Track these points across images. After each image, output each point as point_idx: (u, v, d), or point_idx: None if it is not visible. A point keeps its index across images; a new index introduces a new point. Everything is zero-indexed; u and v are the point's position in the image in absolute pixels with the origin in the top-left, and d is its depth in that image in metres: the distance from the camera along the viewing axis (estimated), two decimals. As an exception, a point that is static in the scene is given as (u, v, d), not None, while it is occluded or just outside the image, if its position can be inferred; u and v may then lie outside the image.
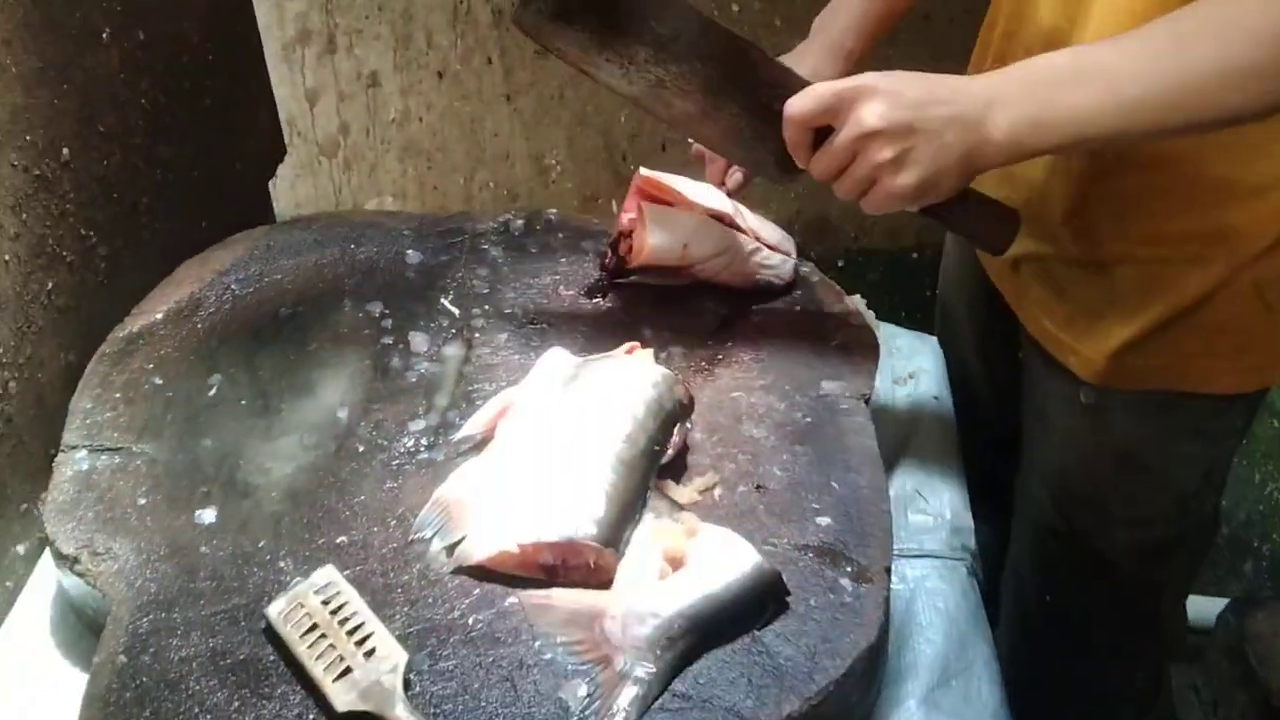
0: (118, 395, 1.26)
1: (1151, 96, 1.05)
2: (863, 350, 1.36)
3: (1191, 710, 1.85)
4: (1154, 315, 1.26)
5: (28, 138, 1.31)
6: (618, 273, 1.44)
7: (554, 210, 1.60)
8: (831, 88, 1.12)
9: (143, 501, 1.14)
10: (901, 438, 1.40)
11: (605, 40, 1.22)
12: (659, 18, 1.22)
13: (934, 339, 1.60)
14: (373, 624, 0.99)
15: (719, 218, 1.40)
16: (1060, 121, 1.07)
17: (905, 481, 1.34)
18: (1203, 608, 1.66)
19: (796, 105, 1.14)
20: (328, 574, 1.03)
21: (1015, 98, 1.08)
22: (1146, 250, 1.26)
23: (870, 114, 1.08)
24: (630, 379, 1.19)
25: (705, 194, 1.42)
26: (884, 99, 1.08)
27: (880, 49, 2.42)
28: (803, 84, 1.17)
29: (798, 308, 1.44)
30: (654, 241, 1.38)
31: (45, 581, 1.22)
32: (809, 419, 1.25)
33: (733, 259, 1.39)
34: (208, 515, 1.12)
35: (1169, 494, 1.38)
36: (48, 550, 1.22)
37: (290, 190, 2.50)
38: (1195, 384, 1.30)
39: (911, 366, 1.52)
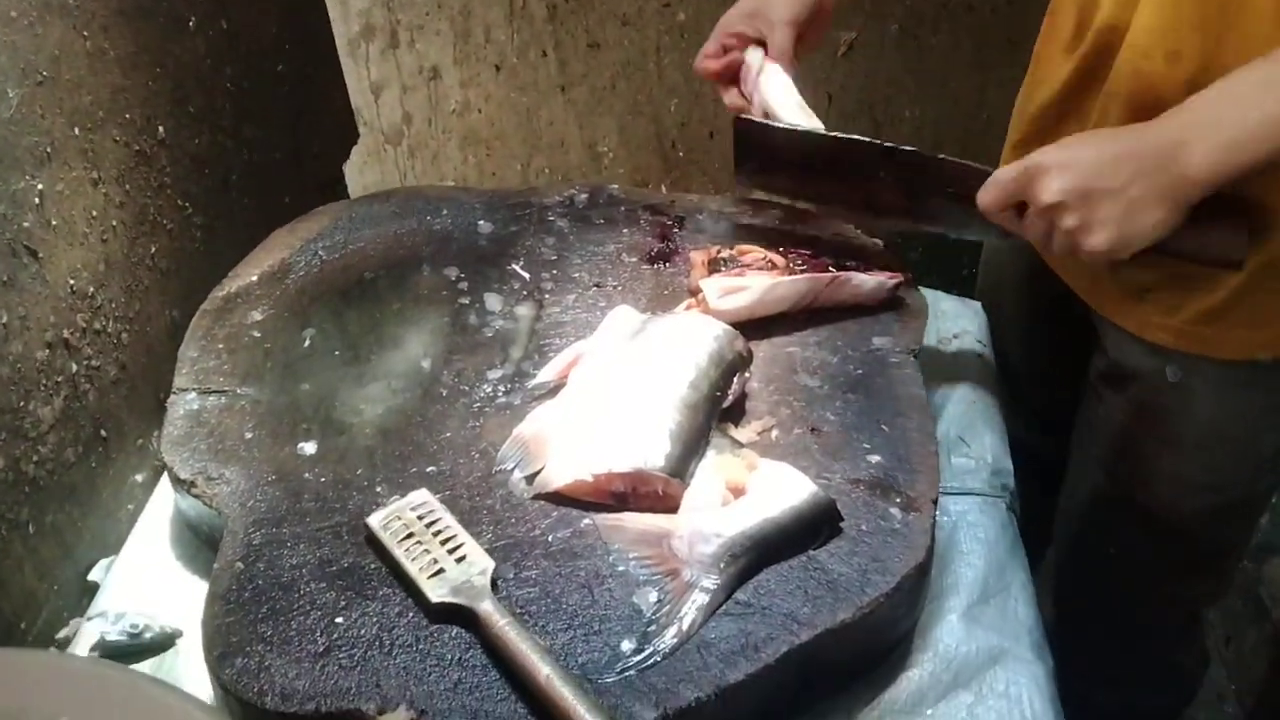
0: (221, 346, 1.36)
1: None
2: (910, 309, 1.43)
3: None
4: (1229, 286, 1.28)
5: (127, 115, 1.41)
6: None
7: (615, 185, 1.67)
8: (1008, 175, 1.20)
9: (249, 435, 1.24)
10: (946, 390, 1.46)
11: (806, 180, 1.45)
12: (845, 156, 1.39)
13: (977, 304, 1.65)
14: (463, 537, 1.08)
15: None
16: (1257, 135, 1.08)
17: (950, 428, 1.40)
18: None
19: (986, 199, 1.23)
20: (422, 495, 1.12)
21: (1206, 129, 1.10)
22: None
23: (1047, 192, 1.15)
24: (693, 332, 1.27)
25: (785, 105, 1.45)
26: (1057, 174, 1.15)
27: (925, 38, 2.47)
28: (982, 174, 1.25)
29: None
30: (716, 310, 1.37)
31: (162, 505, 1.32)
32: (860, 370, 1.33)
33: (815, 298, 1.41)
34: (309, 447, 1.22)
35: (1248, 461, 1.43)
36: (162, 479, 1.34)
37: (359, 175, 2.57)
38: (1275, 349, 1.32)
39: (956, 328, 1.58)
